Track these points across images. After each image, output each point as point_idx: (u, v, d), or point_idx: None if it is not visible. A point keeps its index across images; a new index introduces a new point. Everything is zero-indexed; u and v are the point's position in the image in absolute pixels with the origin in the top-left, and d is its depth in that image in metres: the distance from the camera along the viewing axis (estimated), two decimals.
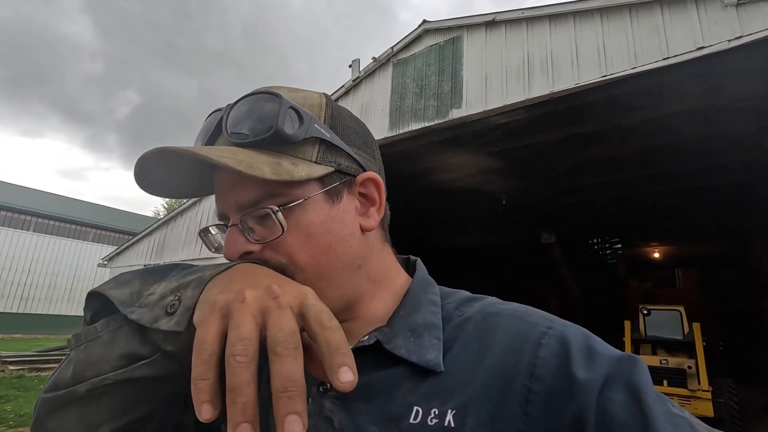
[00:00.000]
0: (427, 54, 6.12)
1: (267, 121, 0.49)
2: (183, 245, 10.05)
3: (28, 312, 19.66)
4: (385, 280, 0.56)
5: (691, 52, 3.96)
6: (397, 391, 0.45)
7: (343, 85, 7.04)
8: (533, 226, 11.23)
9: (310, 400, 0.46)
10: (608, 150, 6.91)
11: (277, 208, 0.47)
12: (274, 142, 0.47)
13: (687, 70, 4.19)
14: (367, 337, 0.48)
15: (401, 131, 6.06)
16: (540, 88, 4.83)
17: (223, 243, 0.51)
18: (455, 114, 5.50)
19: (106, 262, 12.67)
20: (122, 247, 12.13)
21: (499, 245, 13.40)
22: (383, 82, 6.57)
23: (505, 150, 6.75)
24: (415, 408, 0.43)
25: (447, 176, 8.20)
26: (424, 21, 6.19)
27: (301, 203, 0.49)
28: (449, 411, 0.41)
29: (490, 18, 5.46)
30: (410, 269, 0.61)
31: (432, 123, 5.73)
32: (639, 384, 0.38)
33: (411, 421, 0.42)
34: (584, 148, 6.80)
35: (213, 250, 0.55)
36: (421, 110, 5.90)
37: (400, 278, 0.57)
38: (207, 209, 9.51)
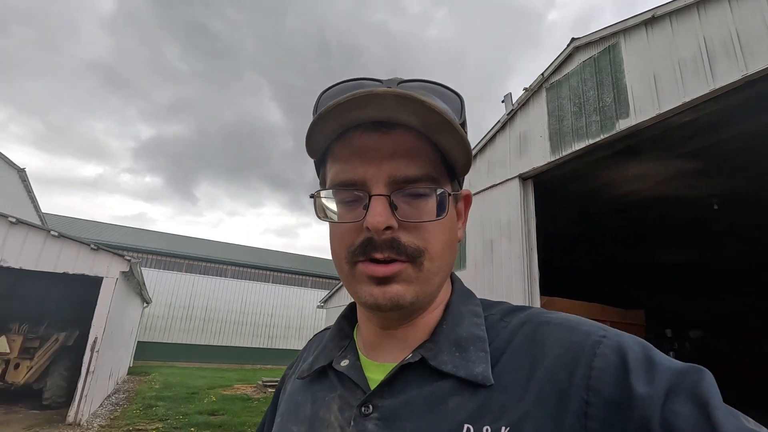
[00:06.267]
0: (580, 71, 5.96)
1: (454, 106, 0.49)
2: None
3: (273, 347, 25.00)
4: (444, 293, 0.55)
5: None
6: (445, 408, 0.43)
7: (499, 121, 7.34)
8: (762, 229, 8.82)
9: (352, 423, 0.46)
10: None
11: (447, 193, 0.47)
12: None
13: None
14: (411, 355, 0.47)
15: (564, 153, 5.94)
16: (727, 75, 4.18)
17: (334, 210, 0.49)
18: (623, 125, 5.15)
19: (322, 304, 15.42)
20: (333, 291, 14.60)
21: (721, 257, 10.84)
22: (538, 109, 6.61)
23: (700, 149, 5.81)
24: (466, 426, 0.40)
25: (630, 188, 7.39)
26: (573, 39, 6.09)
27: (452, 195, 0.49)
28: (503, 428, 0.39)
29: (648, 16, 5.05)
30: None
31: (597, 139, 5.47)
32: (707, 396, 0.35)
33: None
34: None
35: (321, 216, 0.49)
36: (583, 128, 5.71)
37: (446, 291, 0.56)
38: None
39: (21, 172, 11.36)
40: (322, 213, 0.49)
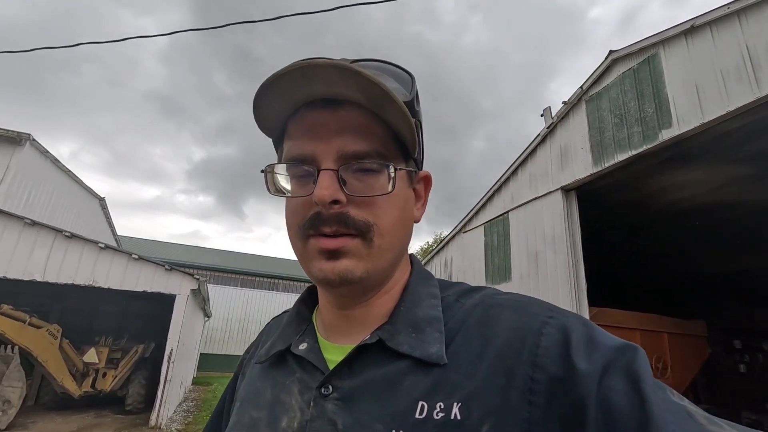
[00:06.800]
0: (620, 82, 6.01)
1: (404, 85, 0.50)
2: None
3: None
4: (401, 274, 0.55)
5: None
6: (401, 387, 0.44)
7: (539, 134, 7.45)
8: None
9: (312, 404, 0.46)
10: None
11: (395, 168, 0.47)
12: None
13: None
14: (369, 336, 0.48)
15: (607, 165, 5.98)
16: None
17: (287, 187, 0.49)
18: (666, 135, 5.15)
19: None
20: None
21: None
22: (578, 121, 6.68)
23: (755, 153, 5.64)
24: (420, 403, 0.42)
25: (683, 195, 7.20)
26: (610, 51, 6.16)
27: (401, 172, 0.49)
28: (455, 404, 0.41)
29: (686, 26, 5.08)
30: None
31: (641, 149, 5.49)
32: (639, 372, 0.37)
33: (417, 416, 0.42)
34: None
35: (273, 191, 0.50)
36: (625, 139, 5.74)
37: (405, 272, 0.56)
38: (450, 259, 10.90)
39: (101, 201, 12.79)
40: (273, 188, 0.50)
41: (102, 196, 12.71)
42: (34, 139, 7.95)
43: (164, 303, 8.94)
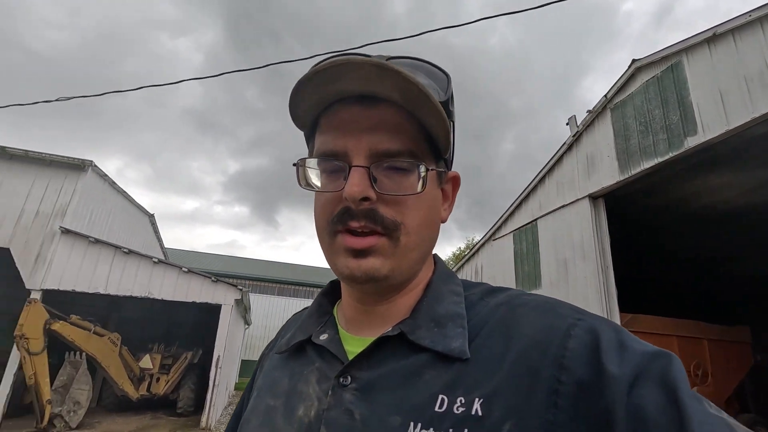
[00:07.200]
0: (644, 90, 6.07)
1: (440, 84, 0.51)
2: None
3: None
4: (425, 273, 0.56)
5: None
6: (420, 380, 0.44)
7: (564, 142, 7.55)
8: None
9: (330, 393, 0.47)
10: None
11: (427, 168, 0.47)
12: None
13: None
14: (391, 329, 0.48)
15: (633, 172, 6.04)
16: None
17: (317, 181, 0.50)
18: (691, 142, 5.20)
19: None
20: None
21: None
22: (604, 130, 6.76)
23: None
24: (440, 396, 0.42)
25: (716, 198, 7.09)
26: (633, 60, 6.23)
27: (431, 172, 0.49)
28: (476, 400, 0.40)
29: (708, 34, 5.13)
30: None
31: (667, 157, 5.53)
32: (675, 381, 0.35)
33: (436, 409, 0.41)
34: None
35: (303, 185, 0.50)
36: (651, 146, 5.80)
37: (428, 271, 0.57)
38: (480, 266, 11.03)
39: (151, 217, 13.79)
40: (304, 182, 0.50)
41: (151, 212, 13.70)
42: (95, 165, 8.82)
43: (209, 311, 9.59)
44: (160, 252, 15.62)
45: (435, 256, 0.59)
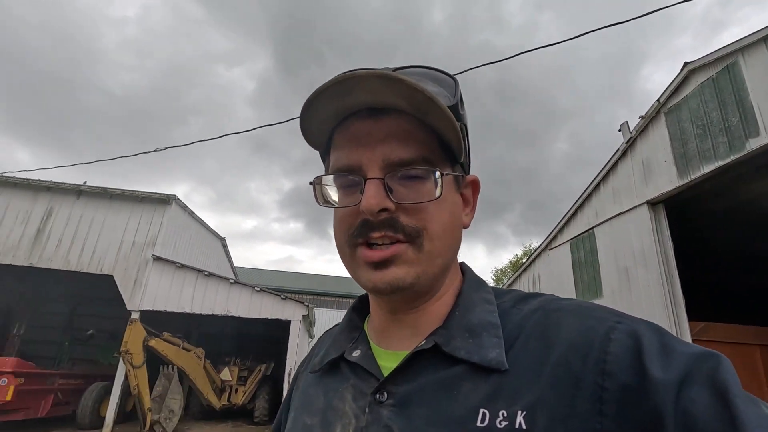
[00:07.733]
0: (699, 93, 5.94)
1: (448, 89, 0.51)
2: None
3: None
4: (452, 281, 0.55)
5: None
6: (459, 392, 0.43)
7: (618, 149, 7.47)
8: None
9: (367, 410, 0.46)
10: None
11: (441, 173, 0.47)
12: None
13: None
14: (424, 341, 0.47)
15: (693, 176, 5.90)
16: None
17: (334, 197, 0.50)
18: (754, 144, 5.05)
19: None
20: None
21: None
22: (659, 134, 6.64)
23: None
24: (482, 410, 0.41)
25: None
26: (686, 63, 6.13)
27: (447, 177, 0.49)
28: (519, 412, 0.39)
29: (765, 33, 4.99)
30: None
31: (728, 160, 5.38)
32: (726, 383, 0.34)
33: (478, 424, 0.40)
34: None
35: (321, 202, 0.51)
36: (710, 150, 5.66)
37: (457, 279, 0.56)
38: (537, 276, 10.95)
39: (222, 240, 15.11)
40: (322, 199, 0.51)
41: (222, 236, 15.00)
42: (177, 198, 10.00)
43: (277, 326, 10.35)
44: (231, 272, 16.95)
45: (463, 264, 0.60)
